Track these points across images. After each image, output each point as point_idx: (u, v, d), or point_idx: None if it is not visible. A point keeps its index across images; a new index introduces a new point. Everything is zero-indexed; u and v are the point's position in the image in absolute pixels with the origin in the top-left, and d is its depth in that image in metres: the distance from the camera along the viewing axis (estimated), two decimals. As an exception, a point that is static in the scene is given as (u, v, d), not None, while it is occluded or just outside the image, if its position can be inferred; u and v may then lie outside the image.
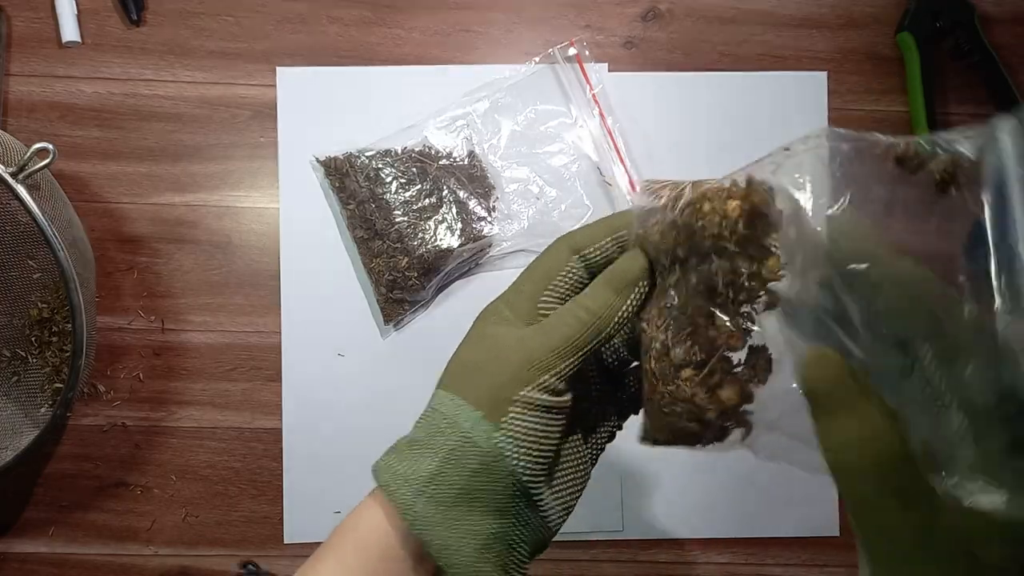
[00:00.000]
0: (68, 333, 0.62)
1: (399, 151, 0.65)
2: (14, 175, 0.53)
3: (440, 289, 0.67)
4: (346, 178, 0.65)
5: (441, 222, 0.64)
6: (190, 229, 0.67)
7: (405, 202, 0.64)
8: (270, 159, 0.67)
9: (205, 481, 0.66)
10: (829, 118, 0.69)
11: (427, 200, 0.64)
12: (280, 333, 0.66)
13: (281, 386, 0.66)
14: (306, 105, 0.67)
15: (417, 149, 0.66)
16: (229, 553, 0.66)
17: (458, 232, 0.64)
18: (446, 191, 0.64)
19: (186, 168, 0.67)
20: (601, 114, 0.67)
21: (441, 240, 0.63)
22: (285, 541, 0.66)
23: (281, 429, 0.66)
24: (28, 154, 0.53)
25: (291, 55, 0.68)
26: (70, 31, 0.66)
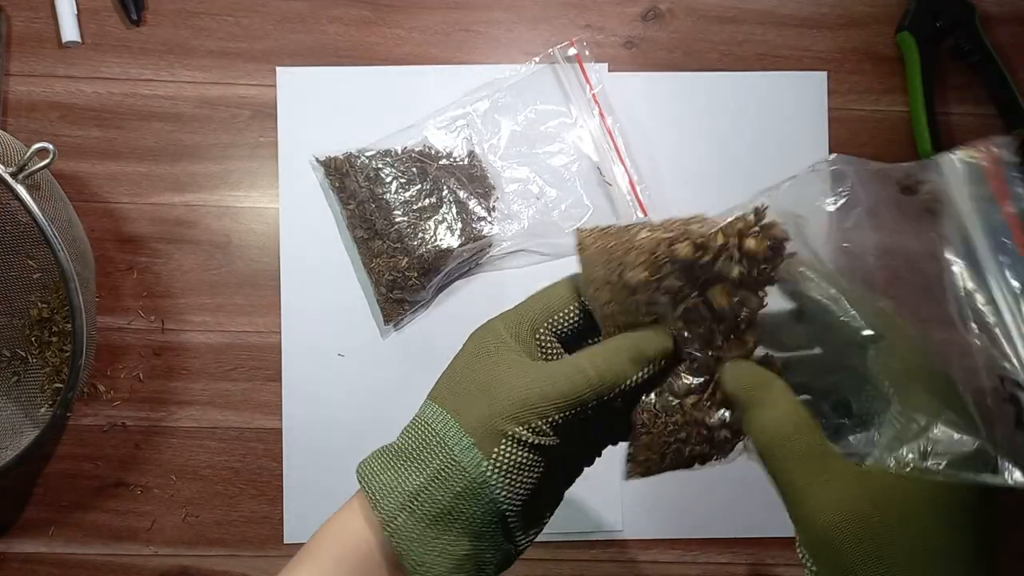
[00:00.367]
0: (68, 333, 0.62)
1: (399, 151, 0.65)
2: (14, 175, 0.53)
3: (440, 289, 0.67)
4: (346, 178, 0.65)
5: (441, 222, 0.64)
6: (190, 229, 0.67)
7: (405, 202, 0.64)
8: (270, 159, 0.67)
9: (205, 481, 0.66)
10: (829, 118, 0.69)
11: (427, 200, 0.64)
12: (280, 333, 0.66)
13: (281, 386, 0.66)
14: (306, 105, 0.67)
15: (417, 149, 0.66)
16: (229, 553, 0.66)
17: (458, 232, 0.64)
18: (446, 191, 0.64)
19: (186, 168, 0.67)
20: (601, 114, 0.67)
21: (441, 240, 0.63)
22: (285, 541, 0.66)
23: (281, 429, 0.66)
24: (28, 154, 0.53)
25: (291, 55, 0.68)
26: (70, 31, 0.66)
